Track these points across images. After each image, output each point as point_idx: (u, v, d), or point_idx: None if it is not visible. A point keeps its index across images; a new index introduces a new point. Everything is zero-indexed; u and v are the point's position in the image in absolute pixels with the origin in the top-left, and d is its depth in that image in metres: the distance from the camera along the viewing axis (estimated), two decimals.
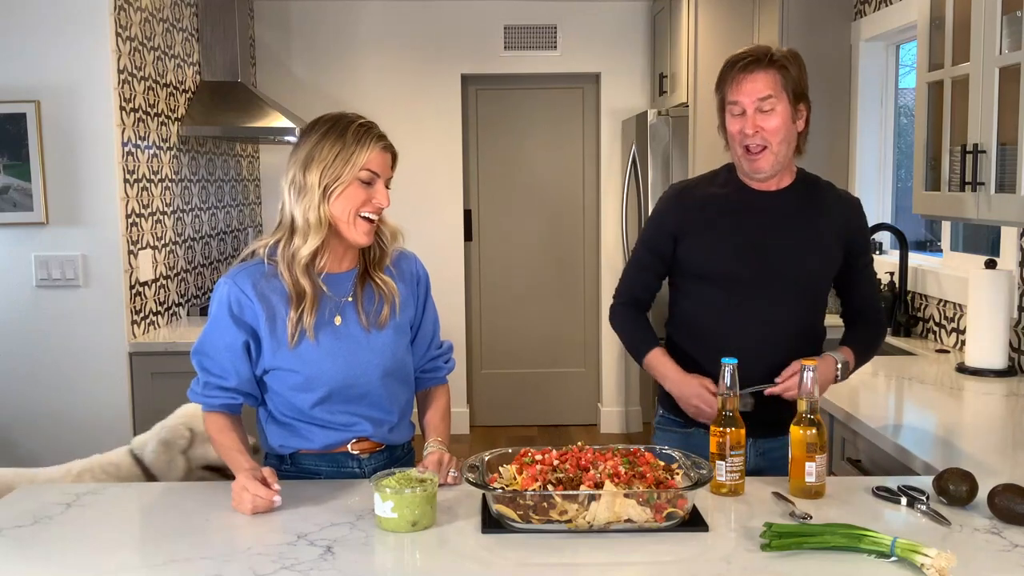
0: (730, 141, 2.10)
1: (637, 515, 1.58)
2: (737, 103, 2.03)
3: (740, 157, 2.08)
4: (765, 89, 2.00)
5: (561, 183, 5.54)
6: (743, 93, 2.01)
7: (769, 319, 2.07)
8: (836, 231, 2.11)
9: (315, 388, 1.85)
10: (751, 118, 2.02)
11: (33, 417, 3.53)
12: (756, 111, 2.01)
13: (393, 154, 1.86)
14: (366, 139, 1.80)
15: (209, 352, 1.87)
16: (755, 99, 2.00)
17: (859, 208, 2.18)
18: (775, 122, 2.02)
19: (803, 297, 2.11)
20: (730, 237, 2.08)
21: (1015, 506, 1.59)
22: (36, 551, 1.57)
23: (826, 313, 2.19)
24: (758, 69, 2.01)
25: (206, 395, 1.89)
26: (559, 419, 5.66)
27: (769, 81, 2.01)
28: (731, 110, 2.05)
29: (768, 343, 2.07)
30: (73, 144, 3.45)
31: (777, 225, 2.09)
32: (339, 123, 1.82)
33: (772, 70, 2.01)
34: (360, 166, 1.79)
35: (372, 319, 1.89)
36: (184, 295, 4.18)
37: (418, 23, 5.34)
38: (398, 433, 1.97)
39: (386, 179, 1.85)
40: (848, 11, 4.01)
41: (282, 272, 1.83)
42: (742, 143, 2.04)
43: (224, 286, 1.85)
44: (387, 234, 1.93)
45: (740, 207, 2.10)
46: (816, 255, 2.10)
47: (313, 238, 1.80)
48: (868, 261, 2.21)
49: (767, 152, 2.03)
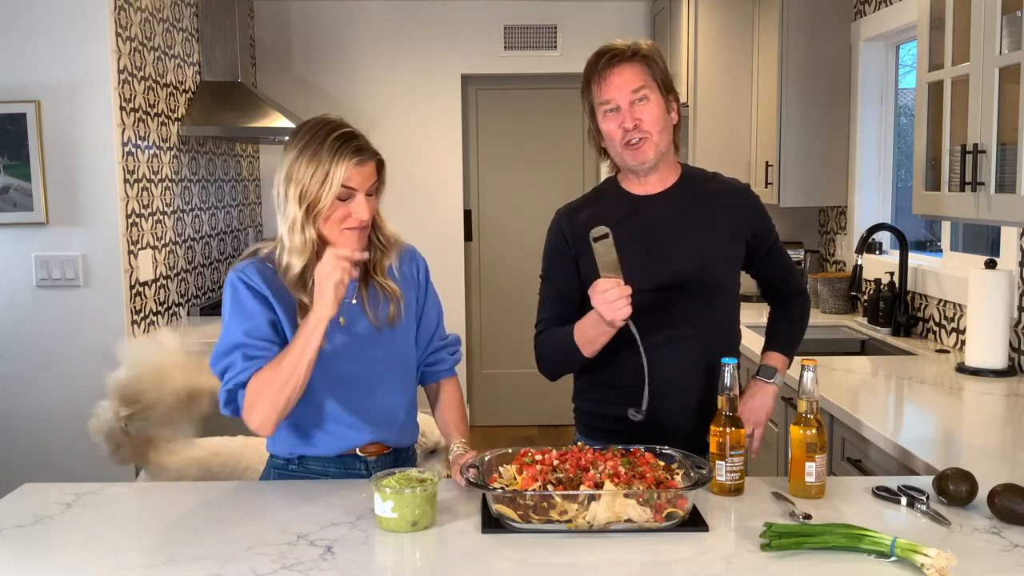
0: (608, 143, 2.02)
1: (637, 515, 1.58)
2: (610, 100, 1.96)
3: (621, 154, 2.00)
4: (636, 80, 1.95)
5: (561, 183, 5.54)
6: (613, 88, 1.95)
7: (678, 325, 1.99)
8: (731, 221, 2.06)
9: (326, 386, 1.84)
10: (627, 112, 1.95)
11: (33, 417, 3.53)
12: (630, 104, 1.95)
13: (379, 161, 1.82)
14: (341, 155, 1.74)
15: (243, 339, 1.77)
16: (627, 92, 1.94)
17: (750, 193, 2.12)
18: (652, 112, 1.96)
19: (711, 296, 2.04)
20: (626, 248, 1.95)
21: (1015, 506, 1.59)
22: (36, 551, 1.57)
23: (740, 306, 2.14)
24: (623, 62, 1.95)
25: (247, 367, 1.75)
26: (559, 419, 5.66)
27: (638, 73, 1.95)
28: (603, 110, 1.98)
29: (681, 351, 2.00)
30: (73, 144, 3.45)
31: (670, 226, 2.03)
32: (317, 135, 1.77)
33: (637, 62, 1.96)
34: (337, 184, 1.74)
35: (381, 318, 1.88)
36: (184, 295, 4.18)
37: (418, 23, 5.34)
38: (404, 435, 1.97)
39: (368, 188, 1.80)
40: (848, 11, 4.01)
41: (280, 278, 1.83)
42: (622, 140, 1.97)
43: (234, 277, 1.82)
44: (385, 240, 1.92)
45: (629, 215, 2.03)
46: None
47: (299, 258, 1.78)
48: (773, 242, 2.14)
49: (648, 141, 1.97)
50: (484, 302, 5.66)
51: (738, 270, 2.10)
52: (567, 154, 5.58)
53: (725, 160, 4.30)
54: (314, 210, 1.76)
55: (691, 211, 2.05)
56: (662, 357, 1.96)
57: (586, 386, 2.16)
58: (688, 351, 2.01)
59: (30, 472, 3.20)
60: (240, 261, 1.87)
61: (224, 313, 1.83)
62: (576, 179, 5.54)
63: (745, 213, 2.09)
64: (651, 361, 1.89)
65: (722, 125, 4.42)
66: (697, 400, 2.01)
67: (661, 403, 2.01)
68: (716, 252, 2.04)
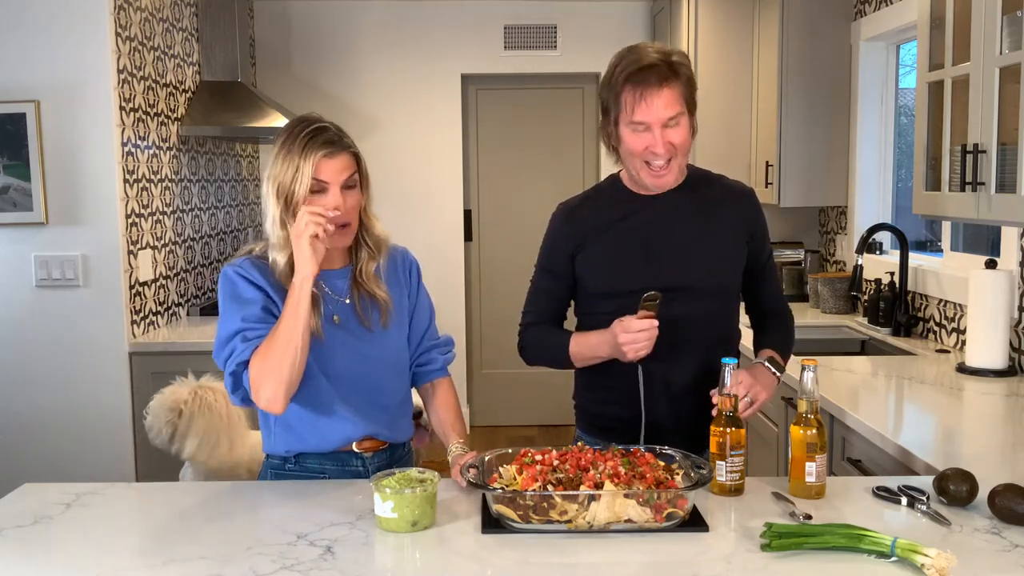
0: (627, 156, 1.97)
1: (637, 515, 1.58)
2: (643, 123, 1.90)
3: (640, 172, 1.96)
4: (674, 107, 1.89)
5: (561, 183, 5.54)
6: (652, 111, 1.88)
7: (678, 325, 1.96)
8: (735, 224, 2.05)
9: (322, 386, 1.84)
10: (659, 136, 1.90)
11: (33, 417, 3.53)
12: (663, 127, 1.90)
13: (353, 154, 1.82)
14: (310, 149, 1.76)
15: (240, 325, 1.78)
16: (664, 117, 1.89)
17: (754, 198, 2.10)
18: (682, 135, 1.92)
19: (712, 297, 2.03)
20: (627, 248, 1.98)
21: (1015, 506, 1.59)
22: (36, 551, 1.57)
23: (739, 312, 2.13)
24: (664, 86, 1.88)
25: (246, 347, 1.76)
26: (559, 419, 5.66)
27: (676, 96, 1.90)
28: (632, 124, 1.92)
29: (681, 351, 1.99)
30: (73, 144, 3.45)
31: (673, 226, 2.01)
32: (292, 132, 1.79)
33: (677, 84, 1.90)
34: (308, 177, 1.76)
35: (372, 321, 1.89)
36: (184, 295, 4.18)
37: (418, 23, 5.34)
38: (399, 430, 1.98)
39: (344, 182, 1.79)
40: (848, 11, 4.01)
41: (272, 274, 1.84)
42: (644, 159, 1.94)
43: (229, 270, 1.84)
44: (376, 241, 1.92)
45: (633, 216, 2.01)
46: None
47: (282, 253, 1.81)
48: (770, 252, 2.14)
49: (672, 165, 1.94)
50: (484, 302, 5.66)
51: (740, 271, 2.09)
52: (567, 154, 5.58)
53: (725, 160, 4.30)
54: (291, 205, 1.78)
55: (695, 212, 2.04)
56: (662, 357, 1.96)
57: (587, 384, 2.16)
58: (688, 351, 2.01)
59: (30, 472, 3.21)
60: (233, 259, 1.89)
61: (220, 305, 1.85)
62: (576, 179, 5.54)
63: (750, 216, 2.08)
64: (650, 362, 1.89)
65: (722, 125, 4.42)
66: (697, 400, 2.01)
67: (661, 403, 2.01)
68: (719, 253, 2.04)
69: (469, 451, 1.89)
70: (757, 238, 2.09)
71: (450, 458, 1.91)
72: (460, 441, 1.95)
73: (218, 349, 1.81)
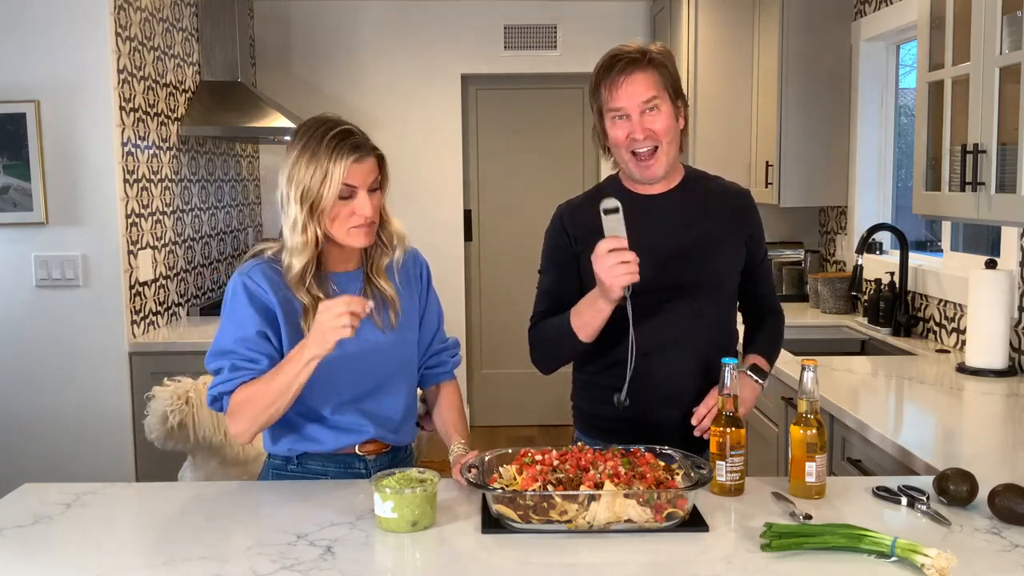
0: (614, 149, 1.99)
1: (637, 515, 1.58)
2: (620, 109, 1.92)
3: (628, 164, 1.98)
4: (648, 90, 1.91)
5: (561, 183, 5.54)
6: (625, 97, 1.91)
7: (677, 324, 1.99)
8: (734, 224, 2.06)
9: (329, 386, 1.84)
10: (638, 122, 1.92)
11: (33, 417, 3.54)
12: (641, 114, 1.92)
13: (378, 156, 1.82)
14: (339, 153, 1.74)
15: (233, 347, 1.79)
16: (639, 101, 1.91)
17: (750, 198, 2.11)
18: (662, 122, 1.93)
19: (711, 298, 2.04)
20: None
21: (1015, 506, 1.59)
22: (36, 551, 1.57)
23: (737, 311, 2.14)
24: (636, 70, 1.91)
25: (233, 378, 1.78)
26: (559, 419, 5.65)
27: (650, 81, 1.91)
28: (612, 116, 1.95)
29: (679, 351, 2.00)
30: (73, 144, 3.45)
31: (672, 228, 2.01)
32: (315, 135, 1.77)
33: (651, 70, 1.92)
34: (337, 183, 1.74)
35: (383, 323, 1.89)
36: (184, 295, 4.18)
37: (418, 23, 5.34)
38: (403, 434, 1.97)
39: (370, 185, 1.79)
40: (848, 11, 4.01)
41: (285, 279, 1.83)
42: (629, 148, 1.95)
43: (238, 279, 1.83)
44: (389, 236, 1.92)
45: (633, 216, 1.96)
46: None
47: (299, 258, 1.79)
48: (765, 252, 2.15)
49: (659, 154, 1.95)
50: (484, 302, 5.66)
51: (738, 271, 2.09)
52: (567, 154, 5.58)
53: (725, 160, 4.30)
54: (317, 209, 1.77)
55: (693, 211, 2.04)
56: (660, 356, 1.96)
57: (585, 384, 2.16)
58: (686, 350, 2.01)
59: (30, 472, 3.22)
60: (246, 262, 1.87)
61: (222, 309, 1.85)
62: (576, 179, 5.54)
63: (747, 216, 2.09)
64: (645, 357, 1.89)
65: (722, 125, 4.42)
66: (695, 399, 2.01)
67: (659, 402, 2.01)
68: (717, 252, 2.04)
69: (470, 451, 1.89)
70: (755, 238, 2.10)
71: (451, 458, 1.91)
72: (462, 442, 1.95)
73: (210, 358, 1.83)
